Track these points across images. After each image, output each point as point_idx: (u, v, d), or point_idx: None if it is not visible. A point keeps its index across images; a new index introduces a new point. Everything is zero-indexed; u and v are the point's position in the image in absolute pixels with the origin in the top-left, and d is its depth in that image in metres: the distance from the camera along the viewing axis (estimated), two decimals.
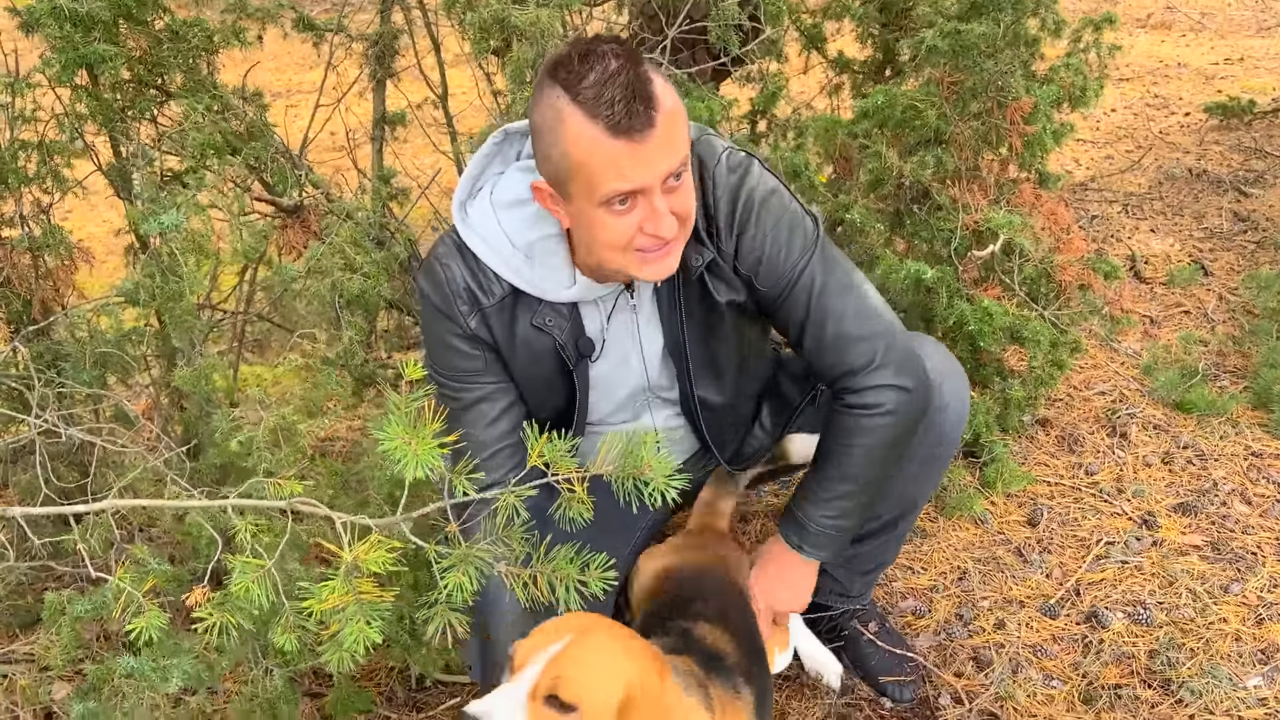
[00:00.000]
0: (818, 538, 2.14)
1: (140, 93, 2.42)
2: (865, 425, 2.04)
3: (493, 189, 1.95)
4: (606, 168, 1.70)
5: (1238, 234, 5.04)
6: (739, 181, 1.96)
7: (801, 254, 1.98)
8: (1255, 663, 2.54)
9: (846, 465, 2.07)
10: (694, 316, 2.06)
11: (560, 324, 1.98)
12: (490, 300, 1.96)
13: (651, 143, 1.68)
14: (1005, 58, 3.26)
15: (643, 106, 1.66)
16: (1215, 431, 3.42)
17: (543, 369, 2.04)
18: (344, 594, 1.52)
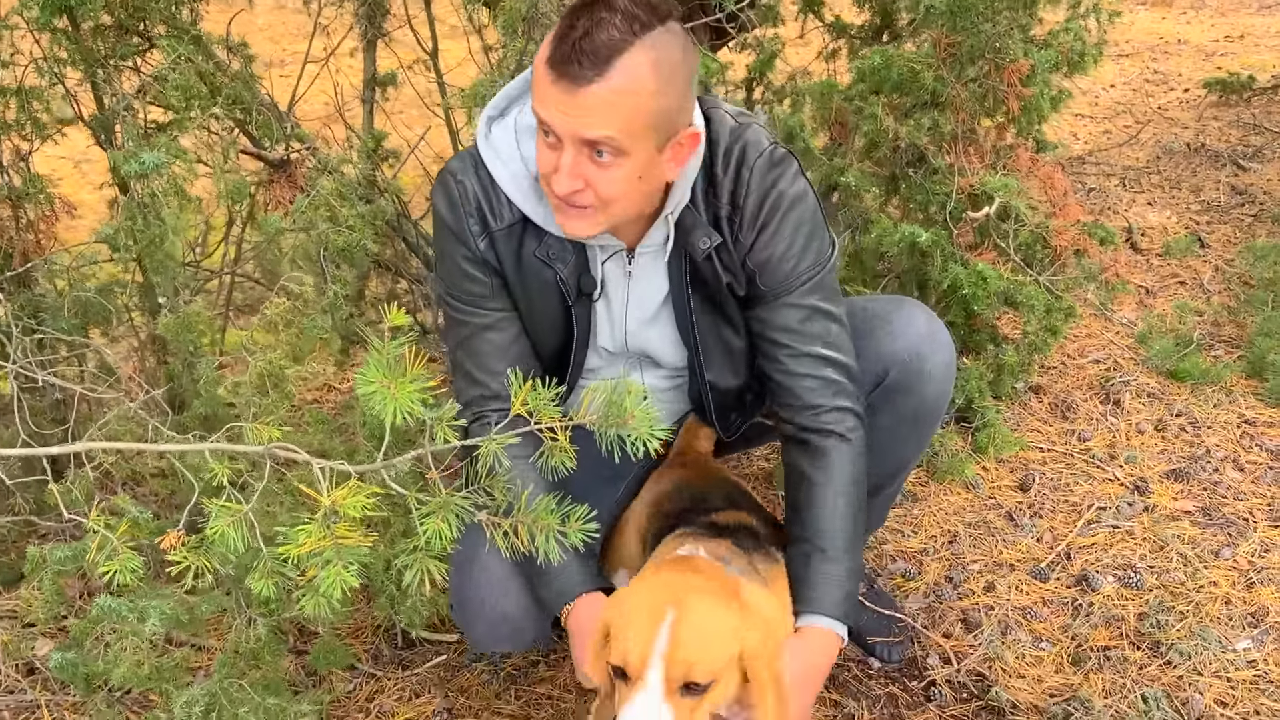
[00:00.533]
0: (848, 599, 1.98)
1: (122, 39, 2.38)
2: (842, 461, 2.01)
3: (520, 112, 1.93)
4: (536, 86, 1.73)
5: (1235, 207, 5.01)
6: (776, 178, 1.94)
7: (811, 268, 1.98)
8: (1245, 626, 2.52)
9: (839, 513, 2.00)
10: (702, 295, 2.03)
11: (565, 258, 1.96)
12: (499, 224, 1.95)
13: (576, 97, 1.68)
14: (1004, 19, 3.22)
15: (587, 63, 1.66)
16: (1209, 399, 3.40)
17: (545, 304, 2.02)
18: (321, 538, 1.49)
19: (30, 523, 2.64)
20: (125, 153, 2.08)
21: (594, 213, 1.82)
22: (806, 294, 1.98)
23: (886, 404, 2.19)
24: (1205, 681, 2.38)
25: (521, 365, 2.03)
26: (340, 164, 2.59)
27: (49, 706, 2.45)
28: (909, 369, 2.16)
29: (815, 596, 1.96)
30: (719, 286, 2.00)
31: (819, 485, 2.01)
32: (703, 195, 1.93)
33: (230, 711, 2.01)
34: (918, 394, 2.18)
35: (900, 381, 2.17)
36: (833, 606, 1.95)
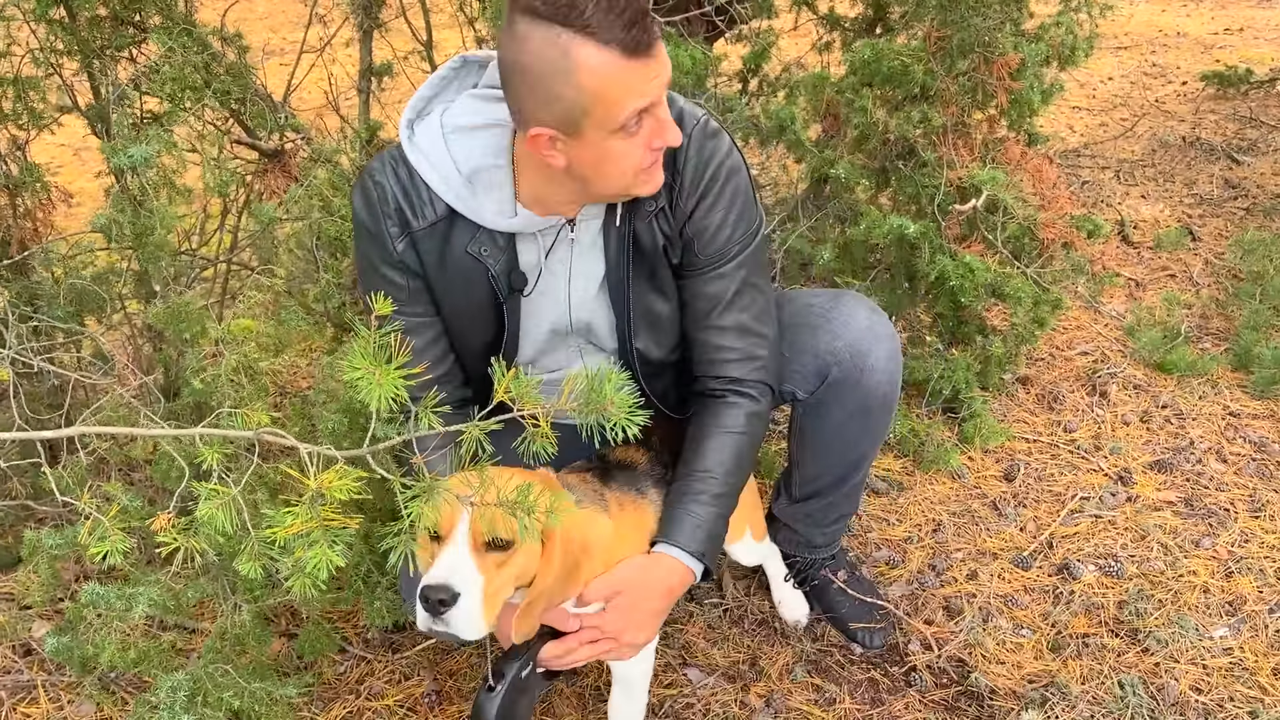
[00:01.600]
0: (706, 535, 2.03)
1: (118, 30, 2.41)
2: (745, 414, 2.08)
3: (444, 112, 1.93)
4: (627, 91, 1.70)
5: (1227, 200, 5.04)
6: (714, 149, 1.99)
7: (742, 239, 2.03)
8: (1223, 614, 2.56)
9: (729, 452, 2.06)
10: (640, 260, 2.05)
11: (495, 254, 1.97)
12: (421, 223, 1.94)
13: (659, 55, 1.71)
14: (994, 13, 3.24)
15: (646, 21, 1.67)
16: (1195, 392, 3.44)
17: (472, 299, 2.02)
18: (308, 520, 1.53)
19: (27, 507, 2.68)
20: (115, 145, 2.11)
21: (660, 157, 1.87)
22: (738, 266, 2.04)
23: (834, 400, 2.25)
24: (1181, 668, 2.41)
25: (437, 368, 2.08)
26: (334, 154, 2.61)
27: (45, 687, 2.49)
28: (851, 365, 2.20)
29: (672, 530, 2.02)
30: (655, 250, 2.03)
31: (709, 432, 2.08)
32: None
33: (215, 696, 2.05)
34: (863, 387, 2.22)
35: (843, 377, 2.21)
36: (687, 539, 2.00)
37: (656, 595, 2.00)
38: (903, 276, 3.35)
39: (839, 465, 2.38)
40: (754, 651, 2.54)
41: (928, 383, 3.23)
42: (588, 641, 1.97)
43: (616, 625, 1.97)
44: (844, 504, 2.51)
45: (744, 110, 3.62)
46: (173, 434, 1.71)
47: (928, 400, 3.27)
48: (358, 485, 1.57)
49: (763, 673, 2.48)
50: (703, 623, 2.62)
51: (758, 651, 2.54)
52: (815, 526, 2.54)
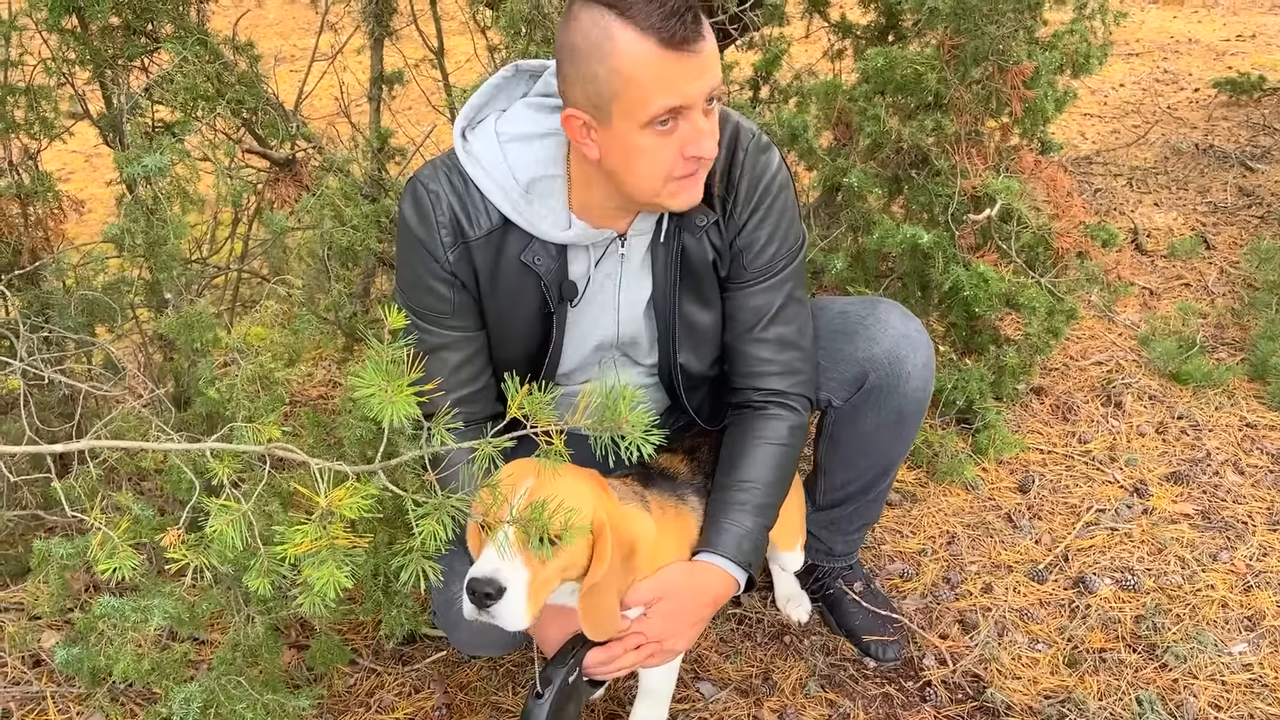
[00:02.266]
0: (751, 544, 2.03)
1: (130, 39, 2.40)
2: (786, 425, 2.10)
3: (498, 120, 1.93)
4: (659, 83, 1.69)
5: (1241, 208, 5.01)
6: (767, 163, 2.00)
7: (788, 254, 2.06)
8: (1241, 629, 2.53)
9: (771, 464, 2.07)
10: (687, 274, 2.05)
11: (548, 263, 1.96)
12: (477, 232, 1.93)
13: (701, 56, 1.69)
14: (1007, 21, 3.22)
15: (692, 18, 1.66)
16: (1210, 402, 3.41)
17: (521, 309, 2.02)
18: (317, 538, 1.51)
19: (37, 516, 2.67)
20: (128, 155, 2.10)
21: (705, 168, 1.86)
22: (784, 280, 2.07)
23: (869, 406, 2.24)
24: (1200, 684, 2.39)
25: (476, 382, 2.07)
26: (346, 163, 2.60)
27: (54, 698, 2.48)
28: (888, 371, 2.20)
29: (716, 538, 2.03)
30: (704, 265, 2.03)
31: (752, 444, 2.09)
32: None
33: (228, 707, 2.04)
34: (899, 394, 2.23)
35: (880, 384, 2.21)
36: (733, 550, 2.01)
37: (701, 603, 2.01)
38: (916, 286, 3.33)
39: (870, 471, 2.38)
40: (767, 665, 2.52)
41: (941, 393, 3.21)
42: (632, 648, 1.96)
43: (660, 630, 1.97)
44: (868, 511, 2.51)
45: (755, 118, 3.60)
46: (183, 448, 1.69)
47: (941, 411, 3.25)
48: (368, 503, 1.56)
49: (776, 687, 2.45)
50: (715, 636, 2.60)
51: (770, 666, 2.52)
52: (838, 534, 2.54)
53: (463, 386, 2.04)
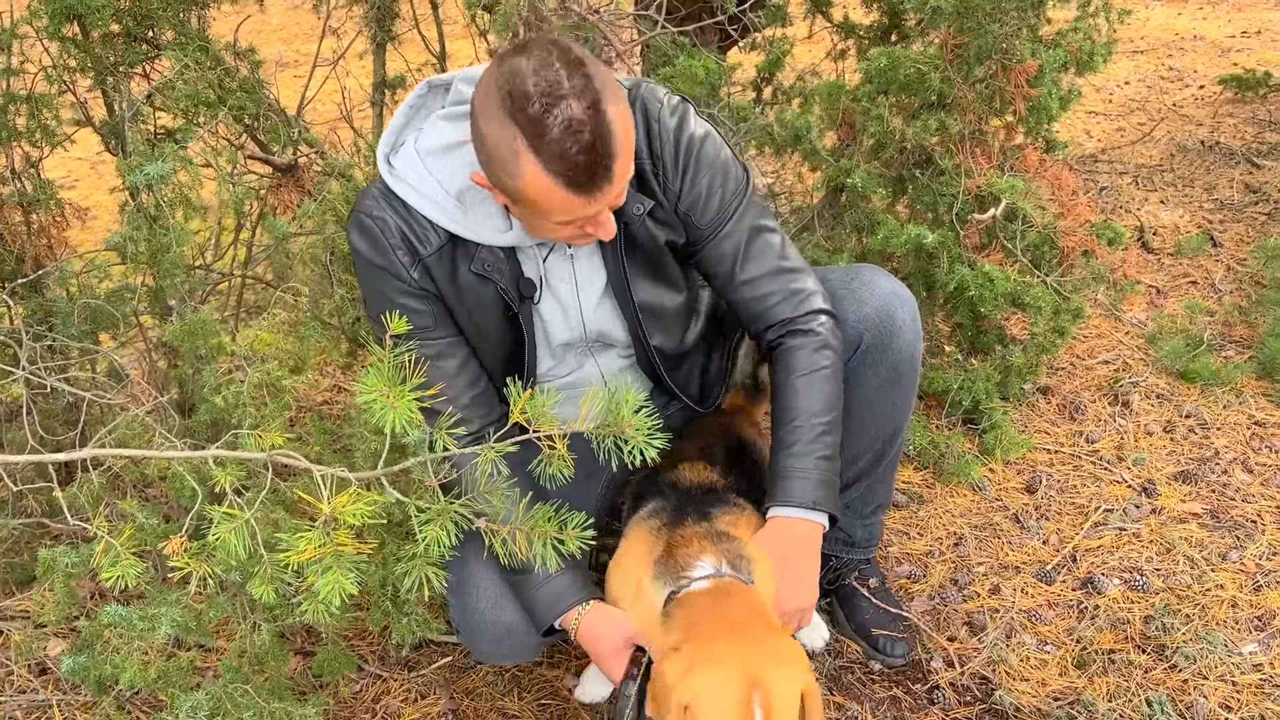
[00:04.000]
0: (822, 486, 2.06)
1: (131, 47, 2.40)
2: (817, 350, 2.09)
3: (416, 139, 1.94)
4: (561, 210, 1.74)
5: (1248, 205, 4.98)
6: (679, 124, 2.01)
7: (734, 195, 2.06)
8: (1252, 629, 2.52)
9: (818, 394, 2.08)
10: (637, 261, 2.07)
11: (500, 267, 1.98)
12: (428, 249, 1.95)
13: (608, 192, 1.72)
14: (1011, 20, 3.21)
15: (603, 166, 1.68)
16: (1219, 401, 3.39)
17: (487, 316, 2.04)
18: (321, 545, 1.51)
19: (42, 524, 2.67)
20: (130, 163, 2.10)
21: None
22: (740, 218, 2.07)
23: (866, 367, 2.25)
24: (1210, 685, 2.37)
25: (477, 386, 2.08)
26: (348, 168, 2.60)
27: (60, 706, 2.48)
28: (880, 328, 2.22)
29: (778, 492, 2.06)
30: (655, 247, 2.05)
31: (782, 384, 2.10)
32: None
33: (235, 715, 2.03)
34: (893, 350, 2.24)
35: (875, 342, 2.23)
36: (798, 496, 2.04)
37: (802, 557, 2.06)
38: (921, 286, 3.31)
39: (878, 439, 2.37)
40: None
41: (947, 393, 3.20)
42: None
43: (785, 600, 2.01)
44: (880, 490, 2.51)
45: (758, 119, 3.59)
46: (187, 456, 1.69)
47: (947, 411, 3.24)
48: (371, 509, 1.56)
49: None
50: None
51: None
52: (856, 518, 2.53)
53: (467, 390, 2.06)
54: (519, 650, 2.20)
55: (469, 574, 2.09)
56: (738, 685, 1.75)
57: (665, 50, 3.35)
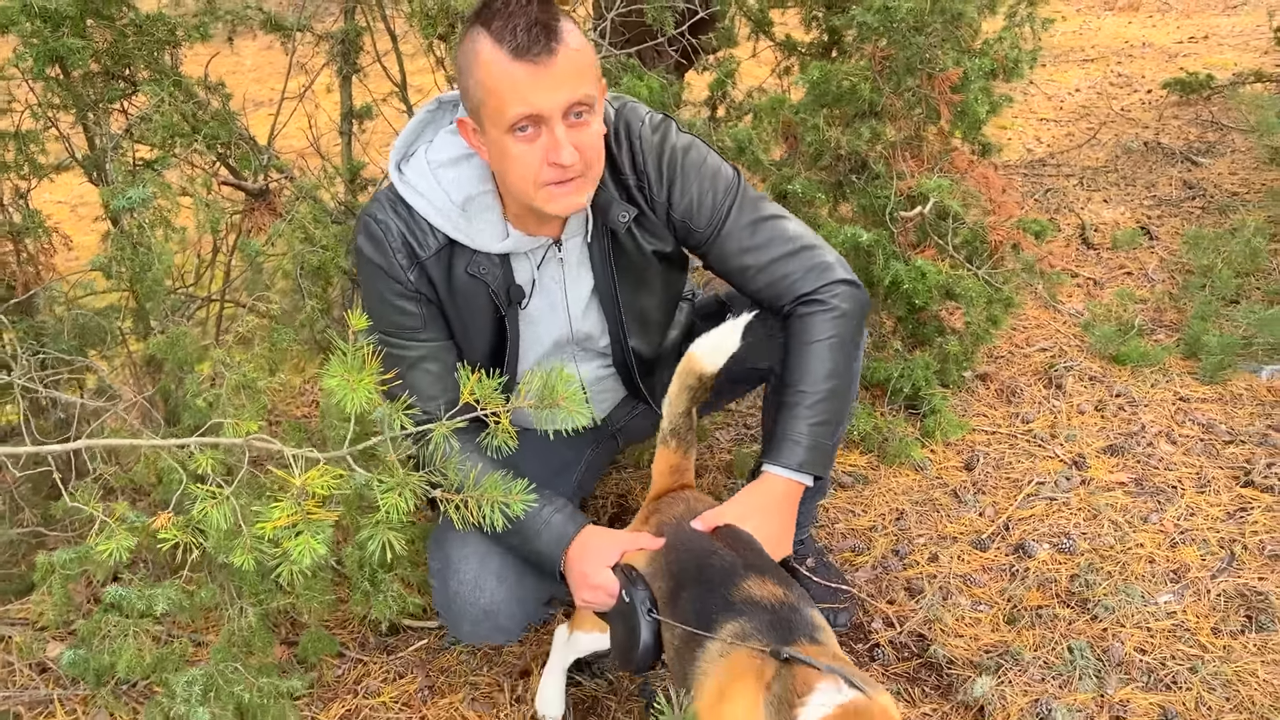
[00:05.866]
0: (809, 450, 2.18)
1: (109, 84, 2.60)
2: (825, 319, 2.19)
3: (427, 150, 2.13)
4: (511, 92, 1.88)
5: (1185, 200, 5.21)
6: (662, 139, 2.18)
7: (726, 194, 2.20)
8: (1167, 581, 2.71)
9: (818, 363, 2.18)
10: (624, 268, 2.24)
11: (493, 272, 2.16)
12: (427, 252, 2.13)
13: (552, 70, 1.87)
14: (933, 32, 3.43)
15: (543, 35, 1.85)
16: (1147, 380, 3.60)
17: (476, 316, 2.21)
18: (293, 514, 1.69)
19: (38, 533, 2.84)
20: (113, 189, 2.29)
21: (582, 180, 2.00)
22: (738, 215, 2.20)
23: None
24: (1127, 632, 2.56)
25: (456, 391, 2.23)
26: (314, 190, 2.80)
27: (61, 701, 2.64)
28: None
29: (771, 451, 2.19)
30: (641, 257, 2.21)
31: (792, 350, 2.21)
32: (609, 175, 2.13)
33: (226, 691, 2.21)
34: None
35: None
36: (786, 457, 2.16)
37: (780, 511, 2.18)
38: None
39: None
40: None
41: (889, 382, 3.40)
42: None
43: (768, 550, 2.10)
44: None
45: (712, 137, 3.81)
46: (171, 444, 1.87)
47: (890, 399, 3.44)
48: (336, 482, 1.75)
49: None
50: None
51: None
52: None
53: (450, 392, 2.18)
54: (496, 631, 2.38)
55: (450, 560, 2.28)
56: None
57: (614, 73, 3.55)
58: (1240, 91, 6.40)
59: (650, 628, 2.00)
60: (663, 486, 2.30)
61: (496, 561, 2.28)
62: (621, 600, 2.06)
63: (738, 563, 1.98)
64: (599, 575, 2.10)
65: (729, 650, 1.81)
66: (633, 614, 2.02)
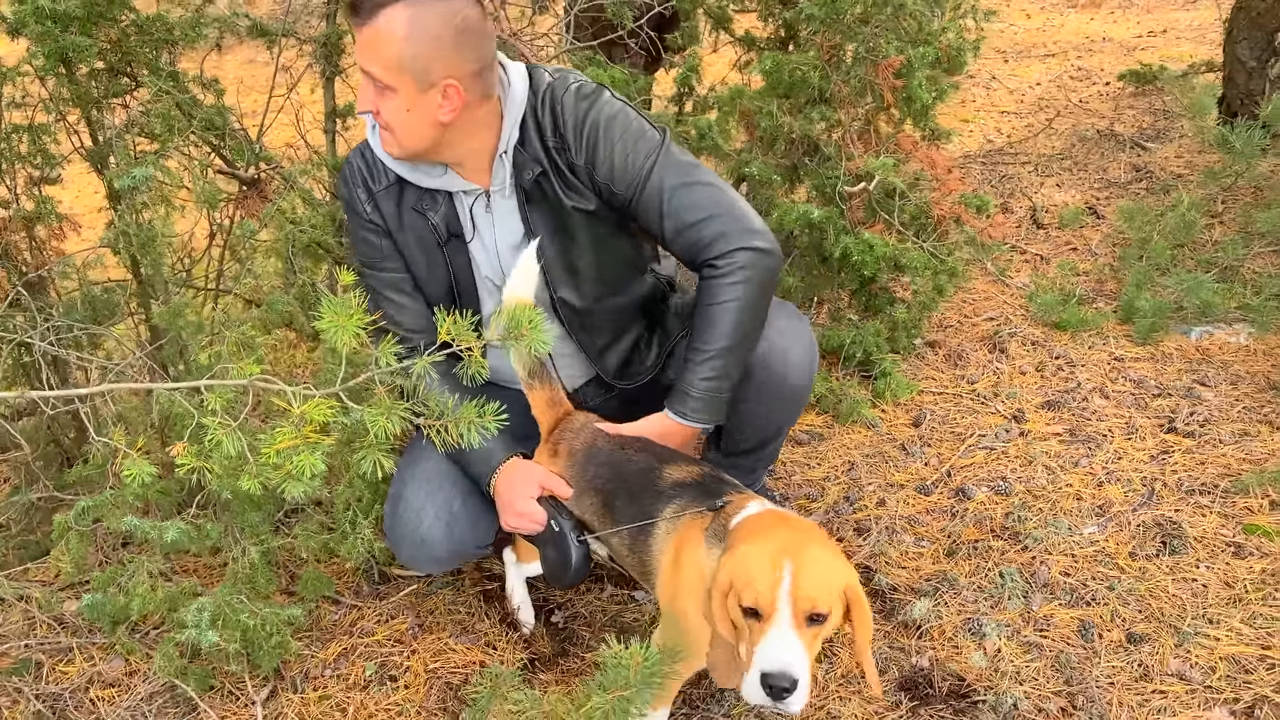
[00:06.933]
0: (699, 401, 2.42)
1: (113, 80, 2.84)
2: (725, 285, 2.36)
3: None
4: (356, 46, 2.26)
5: (1132, 183, 5.49)
6: (589, 106, 2.41)
7: (647, 157, 2.40)
8: (1093, 516, 2.96)
9: (714, 324, 2.39)
10: (541, 218, 2.47)
11: (435, 206, 2.45)
12: (379, 185, 2.45)
13: (360, 35, 2.22)
14: (878, 23, 3.69)
15: (362, 10, 2.19)
16: (1085, 343, 3.86)
17: (425, 251, 2.49)
18: (294, 437, 1.93)
19: (55, 498, 3.06)
20: (118, 171, 2.53)
21: (389, 136, 2.32)
22: (659, 178, 2.38)
23: (756, 397, 2.59)
24: (1054, 559, 2.81)
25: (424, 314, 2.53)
26: (302, 174, 3.04)
27: (80, 649, 2.87)
28: (771, 370, 2.55)
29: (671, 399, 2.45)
30: (561, 207, 2.44)
31: (698, 311, 2.42)
32: (535, 136, 2.39)
33: (232, 619, 2.45)
34: (785, 386, 2.59)
35: (767, 379, 2.56)
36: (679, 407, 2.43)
37: (675, 441, 2.47)
38: (816, 258, 3.77)
39: (763, 432, 2.72)
40: None
41: (842, 348, 3.65)
42: None
43: None
44: (768, 460, 2.90)
45: (678, 126, 4.05)
46: (184, 386, 2.11)
47: (843, 364, 3.69)
48: (332, 411, 1.99)
49: None
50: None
51: None
52: (742, 475, 2.93)
53: (419, 317, 2.53)
54: (430, 561, 2.65)
55: (403, 492, 2.56)
56: (770, 550, 1.87)
57: (580, 66, 3.80)
58: (1182, 79, 6.66)
59: (580, 551, 2.33)
60: (550, 420, 2.57)
61: (442, 498, 2.54)
62: (551, 529, 2.37)
63: (652, 459, 2.34)
64: (525, 504, 2.40)
65: (674, 526, 2.18)
66: (563, 540, 2.34)
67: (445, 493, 2.56)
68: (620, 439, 2.46)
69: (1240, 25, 5.46)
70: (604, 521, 2.35)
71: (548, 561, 2.42)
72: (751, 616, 1.87)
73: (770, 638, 1.84)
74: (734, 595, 1.90)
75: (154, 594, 2.55)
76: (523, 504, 2.41)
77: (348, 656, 2.75)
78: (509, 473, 2.45)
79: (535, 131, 2.40)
